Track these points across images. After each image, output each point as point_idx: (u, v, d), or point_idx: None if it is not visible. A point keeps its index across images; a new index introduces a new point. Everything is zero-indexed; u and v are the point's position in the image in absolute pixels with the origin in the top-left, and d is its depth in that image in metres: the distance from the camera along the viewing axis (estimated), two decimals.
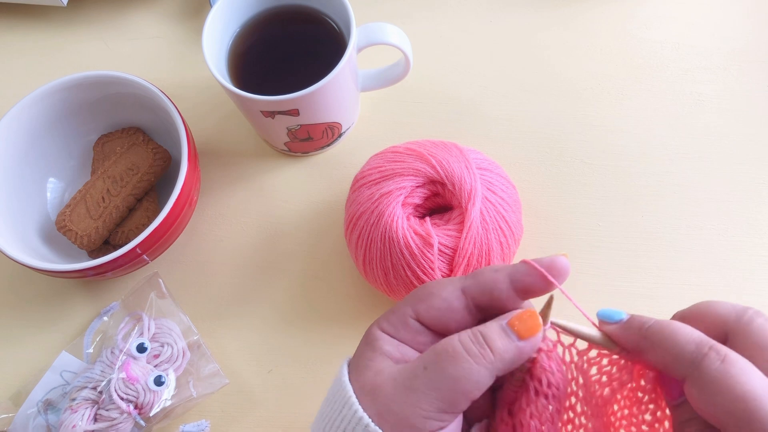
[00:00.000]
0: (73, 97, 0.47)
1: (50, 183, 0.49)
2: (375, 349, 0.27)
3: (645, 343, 0.24)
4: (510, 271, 0.27)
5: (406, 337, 0.27)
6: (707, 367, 0.22)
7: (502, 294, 0.27)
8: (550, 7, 0.56)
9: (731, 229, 0.47)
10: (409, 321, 0.27)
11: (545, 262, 0.26)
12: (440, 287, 0.27)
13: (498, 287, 0.27)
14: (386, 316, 0.28)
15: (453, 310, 0.27)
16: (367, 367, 0.26)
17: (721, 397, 0.22)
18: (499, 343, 0.25)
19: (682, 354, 0.23)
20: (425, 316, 0.27)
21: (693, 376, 0.23)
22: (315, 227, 0.49)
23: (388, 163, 0.42)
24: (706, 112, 0.51)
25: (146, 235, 0.41)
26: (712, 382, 0.22)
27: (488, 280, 0.27)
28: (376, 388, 0.25)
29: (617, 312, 0.26)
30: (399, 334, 0.27)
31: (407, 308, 0.27)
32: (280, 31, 0.48)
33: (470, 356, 0.25)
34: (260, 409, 0.44)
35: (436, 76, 0.53)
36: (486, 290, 0.27)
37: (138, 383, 0.41)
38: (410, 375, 0.25)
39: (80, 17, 0.59)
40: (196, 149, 0.46)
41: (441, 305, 0.27)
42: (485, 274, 0.27)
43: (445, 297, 0.27)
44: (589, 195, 0.48)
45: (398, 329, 0.27)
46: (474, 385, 0.24)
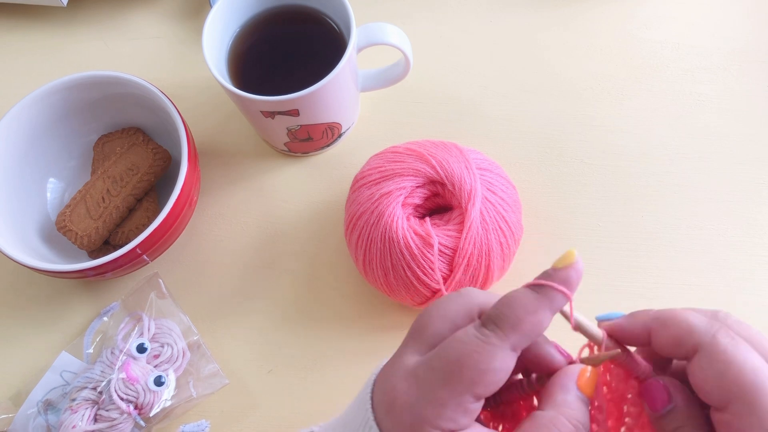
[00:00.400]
0: (73, 97, 0.47)
1: (50, 183, 0.49)
2: None
3: (655, 323, 0.25)
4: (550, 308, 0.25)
5: (466, 422, 0.24)
6: (721, 338, 0.23)
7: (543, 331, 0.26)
8: (550, 7, 0.56)
9: (731, 229, 0.47)
10: (469, 408, 0.24)
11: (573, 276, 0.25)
12: (489, 358, 0.24)
13: (544, 329, 0.25)
14: (436, 410, 0.24)
15: (509, 372, 0.25)
16: None
17: (734, 368, 0.22)
18: (584, 417, 0.25)
19: (697, 326, 0.23)
20: (485, 394, 0.24)
21: (707, 347, 0.23)
22: (315, 227, 0.49)
23: (388, 163, 0.42)
24: (706, 112, 0.51)
25: (146, 235, 0.41)
26: (724, 352, 0.22)
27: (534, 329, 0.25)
28: None
29: (615, 312, 0.26)
30: (461, 423, 0.24)
31: (465, 396, 0.24)
32: (280, 31, 0.48)
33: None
34: (260, 409, 0.44)
35: (436, 76, 0.53)
36: (533, 337, 0.25)
37: (138, 383, 0.41)
38: None
39: (80, 17, 0.59)
40: (196, 149, 0.46)
41: (502, 377, 0.25)
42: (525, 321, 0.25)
43: (500, 368, 0.24)
44: (589, 195, 0.48)
45: (458, 420, 0.24)
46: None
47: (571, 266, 0.25)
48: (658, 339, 0.25)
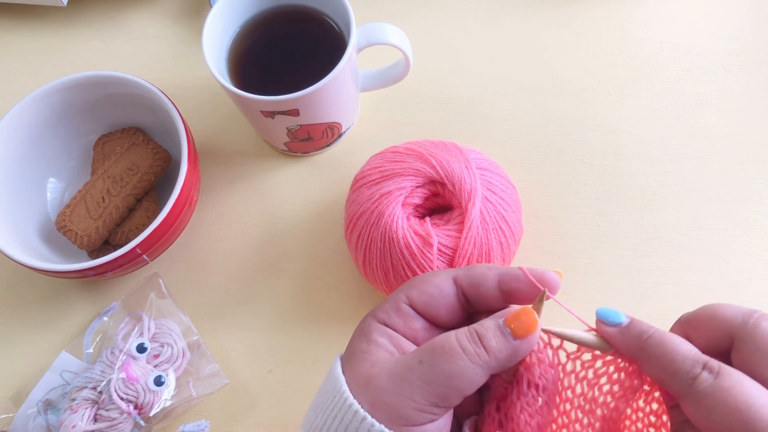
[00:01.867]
0: (73, 97, 0.47)
1: (50, 183, 0.49)
2: (369, 341, 0.27)
3: (642, 355, 0.25)
4: (501, 272, 0.28)
5: (399, 323, 0.28)
6: (699, 385, 0.22)
7: (488, 291, 0.27)
8: (550, 7, 0.56)
9: (731, 229, 0.47)
10: (401, 306, 0.28)
11: (536, 272, 0.27)
12: (433, 275, 0.29)
13: (486, 284, 0.27)
14: (381, 305, 0.29)
15: (443, 296, 0.28)
16: (362, 359, 0.27)
17: (717, 412, 0.22)
18: (494, 342, 0.25)
19: (678, 373, 0.23)
20: (417, 301, 0.28)
21: (688, 395, 0.23)
22: (315, 227, 0.49)
23: (388, 163, 0.42)
24: (706, 112, 0.51)
25: (146, 235, 0.41)
26: (705, 398, 0.22)
27: (478, 275, 0.28)
28: (370, 379, 0.26)
29: (617, 313, 0.26)
30: (392, 320, 0.28)
31: (400, 294, 0.28)
32: (280, 31, 0.48)
33: (466, 354, 0.25)
34: (260, 409, 0.44)
35: (436, 76, 0.53)
36: (474, 283, 0.28)
37: (138, 383, 0.41)
38: (405, 368, 0.25)
39: (80, 17, 0.59)
40: (196, 149, 0.46)
41: (432, 291, 0.28)
42: (478, 268, 0.28)
43: (436, 283, 0.28)
44: (589, 195, 0.48)
45: (391, 315, 0.28)
46: (467, 383, 0.25)
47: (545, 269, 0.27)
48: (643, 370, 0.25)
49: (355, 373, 0.26)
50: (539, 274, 0.27)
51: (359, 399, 0.25)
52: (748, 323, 0.23)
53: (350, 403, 0.25)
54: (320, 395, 0.28)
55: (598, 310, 0.26)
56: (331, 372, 0.28)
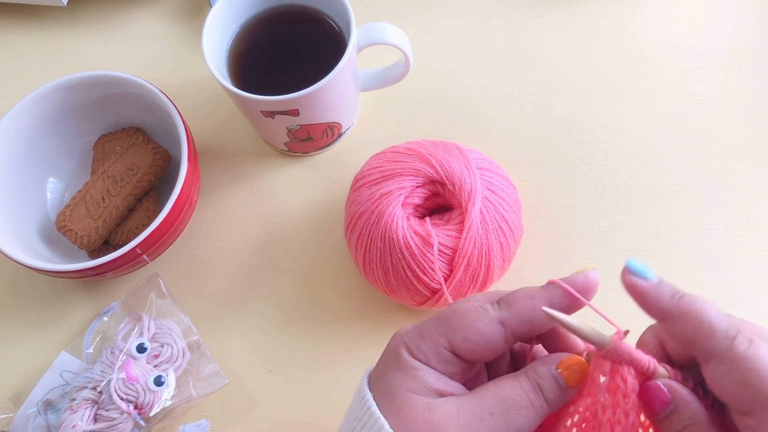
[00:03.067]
0: (73, 97, 0.47)
1: (50, 183, 0.49)
2: (416, 379, 0.26)
3: (676, 311, 0.24)
4: (547, 298, 0.26)
5: (438, 368, 0.26)
6: (738, 347, 0.22)
7: (542, 322, 0.26)
8: (550, 7, 0.56)
9: (731, 229, 0.47)
10: (443, 352, 0.26)
11: (579, 281, 0.27)
12: (475, 317, 0.26)
13: (538, 317, 0.26)
14: (415, 341, 0.27)
15: (491, 343, 0.26)
16: (410, 399, 0.25)
17: (755, 374, 0.22)
18: (551, 394, 0.26)
19: (717, 331, 0.23)
20: (460, 349, 0.26)
21: (725, 355, 0.23)
22: (315, 227, 0.49)
23: (388, 163, 0.42)
24: (706, 112, 0.51)
25: (146, 235, 0.41)
26: (744, 360, 0.22)
27: (527, 311, 0.26)
28: (436, 427, 0.25)
29: (647, 269, 0.26)
30: (431, 364, 0.26)
31: (441, 338, 0.26)
32: (280, 31, 0.48)
33: (533, 407, 0.25)
34: (260, 409, 0.44)
35: (436, 76, 0.53)
36: (525, 321, 0.26)
37: (138, 383, 0.41)
38: (476, 419, 0.25)
39: (80, 17, 0.59)
40: (196, 149, 0.46)
41: (478, 339, 0.26)
42: (521, 303, 0.26)
43: (482, 331, 0.26)
44: (589, 195, 0.48)
45: (430, 359, 0.26)
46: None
47: (580, 272, 0.27)
48: (672, 329, 0.25)
49: (405, 416, 0.25)
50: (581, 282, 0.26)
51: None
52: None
53: None
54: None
55: (628, 262, 0.26)
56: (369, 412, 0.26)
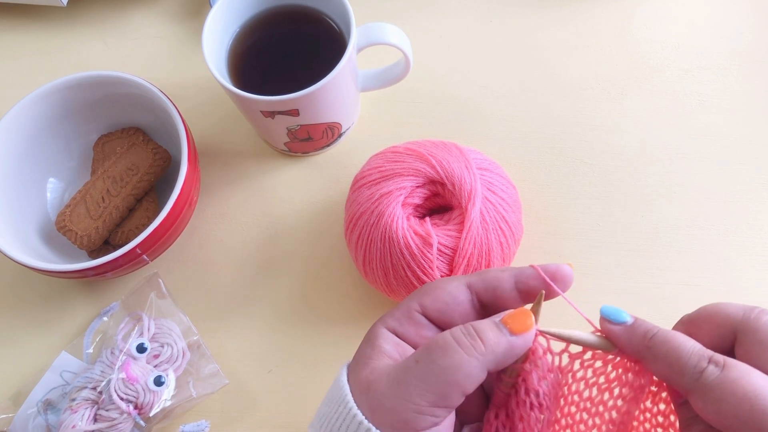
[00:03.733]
0: (73, 97, 0.47)
1: (50, 183, 0.49)
2: (374, 347, 0.27)
3: (648, 354, 0.25)
4: (515, 273, 0.27)
5: (410, 331, 0.27)
6: (707, 378, 0.23)
7: (505, 293, 0.27)
8: (550, 6, 0.56)
9: (731, 229, 0.47)
10: (414, 314, 0.28)
11: (550, 268, 0.27)
12: (446, 282, 0.28)
13: (502, 286, 0.27)
14: (391, 312, 0.28)
15: (458, 303, 0.27)
16: (365, 365, 0.27)
17: (725, 403, 0.22)
18: (490, 335, 0.25)
19: (685, 368, 0.23)
20: (430, 309, 0.28)
21: (696, 389, 0.23)
22: (315, 227, 0.49)
23: (388, 163, 0.42)
24: (706, 112, 0.51)
25: (146, 235, 0.41)
26: (713, 390, 0.22)
27: (493, 279, 0.28)
28: (370, 384, 0.25)
29: (621, 312, 0.26)
30: (403, 328, 0.27)
31: (412, 302, 0.28)
32: (280, 31, 0.48)
33: (461, 347, 0.25)
34: (260, 409, 0.44)
35: (436, 76, 0.53)
36: (490, 288, 0.27)
37: (138, 383, 0.41)
38: (402, 369, 0.25)
39: (80, 17, 0.59)
40: (196, 149, 0.46)
41: (446, 298, 0.27)
42: (492, 272, 0.28)
43: (450, 290, 0.28)
44: (589, 195, 0.48)
45: (402, 323, 0.28)
46: (465, 378, 0.24)
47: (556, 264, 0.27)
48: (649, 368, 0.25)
49: (358, 380, 0.26)
50: (553, 269, 0.27)
51: (361, 406, 0.25)
52: (749, 318, 0.24)
53: (354, 413, 0.25)
54: (325, 403, 0.27)
55: (602, 308, 0.26)
56: (337, 380, 0.27)
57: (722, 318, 0.25)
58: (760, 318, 0.24)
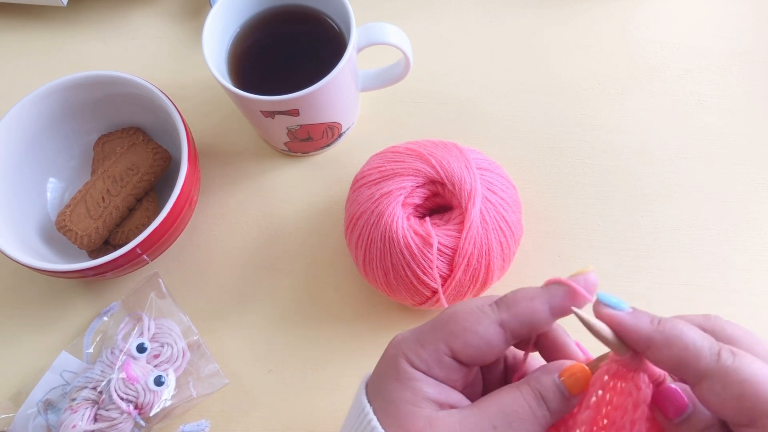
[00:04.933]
0: (73, 97, 0.47)
1: (50, 183, 0.49)
2: (415, 391, 0.25)
3: (660, 337, 0.23)
4: (548, 299, 0.26)
5: (439, 375, 0.26)
6: (726, 361, 0.22)
7: (542, 322, 0.26)
8: (550, 6, 0.56)
9: (731, 229, 0.47)
10: (444, 359, 0.26)
11: (581, 282, 0.26)
12: (474, 321, 0.26)
13: (538, 317, 0.26)
14: (413, 348, 0.26)
15: (491, 346, 0.26)
16: (411, 412, 0.25)
17: (747, 384, 0.21)
18: (554, 404, 0.25)
19: (702, 350, 0.22)
20: (461, 354, 0.26)
21: (715, 372, 0.22)
22: (315, 227, 0.49)
23: (388, 163, 0.42)
24: (706, 112, 0.51)
25: (146, 235, 0.41)
26: (733, 372, 0.22)
27: (528, 314, 0.26)
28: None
29: (620, 301, 0.25)
30: (432, 372, 0.26)
31: (440, 344, 0.26)
32: (280, 31, 0.48)
33: (536, 419, 0.25)
34: (260, 409, 0.44)
35: (436, 76, 0.53)
36: (526, 323, 0.26)
37: (138, 383, 0.41)
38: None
39: (80, 17, 0.59)
40: (196, 149, 0.46)
41: (479, 343, 0.25)
42: (521, 304, 0.26)
43: (482, 334, 0.25)
44: (589, 195, 0.48)
45: (431, 367, 0.26)
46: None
47: (580, 274, 0.26)
48: (658, 356, 0.24)
49: (408, 430, 0.24)
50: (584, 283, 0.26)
51: None
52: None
53: None
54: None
55: (599, 294, 0.25)
56: (368, 426, 0.25)
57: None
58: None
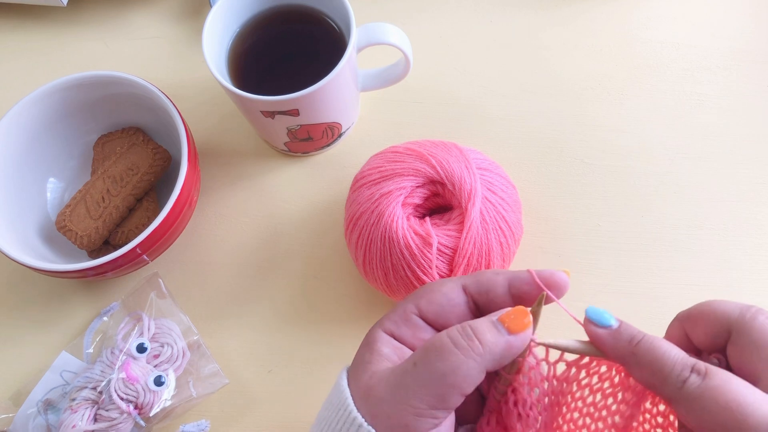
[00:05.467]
0: (73, 97, 0.47)
1: (50, 183, 0.49)
2: (373, 351, 0.27)
3: (632, 360, 0.24)
4: (510, 276, 0.27)
5: (408, 334, 0.27)
6: (689, 387, 0.22)
7: (498, 296, 0.27)
8: (550, 7, 0.56)
9: (731, 229, 0.47)
10: (410, 317, 0.28)
11: (545, 274, 0.27)
12: (441, 284, 0.28)
13: (495, 289, 0.27)
14: (388, 314, 0.28)
15: (453, 304, 0.27)
16: (364, 369, 0.27)
17: (708, 412, 0.22)
18: (488, 335, 0.25)
19: (669, 377, 0.23)
20: (426, 311, 0.27)
21: (679, 398, 0.23)
22: (315, 227, 0.49)
23: (388, 163, 0.42)
24: (706, 112, 0.51)
25: (146, 235, 0.41)
26: (695, 400, 0.22)
27: (487, 281, 0.27)
28: (369, 389, 0.25)
29: (606, 315, 0.25)
30: (400, 331, 0.28)
31: (408, 305, 0.28)
32: (280, 31, 0.48)
33: (458, 349, 0.24)
34: (260, 409, 0.44)
35: (436, 76, 0.53)
36: (484, 290, 0.27)
37: (138, 383, 0.41)
38: (401, 373, 0.25)
39: (80, 17, 0.59)
40: (196, 149, 0.46)
41: (442, 300, 0.27)
42: (486, 274, 0.28)
43: (445, 292, 0.28)
44: (589, 195, 0.48)
45: (399, 325, 0.28)
46: (463, 379, 0.24)
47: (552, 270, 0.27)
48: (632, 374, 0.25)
49: (358, 384, 0.26)
50: (547, 275, 0.27)
51: (362, 411, 0.25)
52: (745, 317, 0.24)
53: (354, 417, 0.25)
54: (325, 408, 0.27)
55: (587, 310, 0.26)
56: (337, 384, 0.27)
57: (718, 316, 0.24)
58: (756, 318, 0.23)
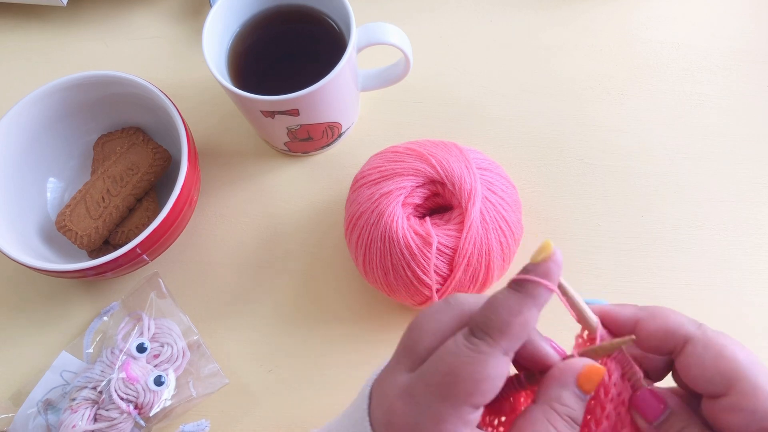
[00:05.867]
0: (73, 97, 0.47)
1: (50, 183, 0.49)
2: None
3: (645, 314, 0.25)
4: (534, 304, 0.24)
5: None
6: (707, 330, 0.24)
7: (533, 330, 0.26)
8: (551, 7, 0.56)
9: (731, 229, 0.47)
10: (470, 418, 0.24)
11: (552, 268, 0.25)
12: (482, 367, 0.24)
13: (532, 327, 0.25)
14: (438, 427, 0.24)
15: (504, 377, 0.24)
16: None
17: (729, 350, 0.23)
18: (579, 413, 0.25)
19: (684, 320, 0.24)
20: (480, 404, 0.24)
21: (699, 338, 0.24)
22: (315, 227, 0.49)
23: (388, 163, 0.42)
24: (706, 112, 0.51)
25: (146, 235, 0.41)
26: (716, 337, 0.23)
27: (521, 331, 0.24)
28: None
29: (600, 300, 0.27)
30: None
31: (463, 408, 0.24)
32: (280, 31, 0.48)
33: None
34: (260, 409, 0.44)
35: (436, 76, 0.53)
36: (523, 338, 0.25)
37: (138, 383, 0.41)
38: None
39: (80, 17, 0.59)
40: (196, 149, 0.46)
41: (497, 385, 0.24)
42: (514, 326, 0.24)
43: (495, 376, 0.24)
44: (589, 195, 0.48)
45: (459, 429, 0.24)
46: None
47: (548, 258, 0.25)
48: (646, 328, 0.25)
49: None
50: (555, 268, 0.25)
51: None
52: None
53: None
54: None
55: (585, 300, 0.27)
56: None
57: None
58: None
